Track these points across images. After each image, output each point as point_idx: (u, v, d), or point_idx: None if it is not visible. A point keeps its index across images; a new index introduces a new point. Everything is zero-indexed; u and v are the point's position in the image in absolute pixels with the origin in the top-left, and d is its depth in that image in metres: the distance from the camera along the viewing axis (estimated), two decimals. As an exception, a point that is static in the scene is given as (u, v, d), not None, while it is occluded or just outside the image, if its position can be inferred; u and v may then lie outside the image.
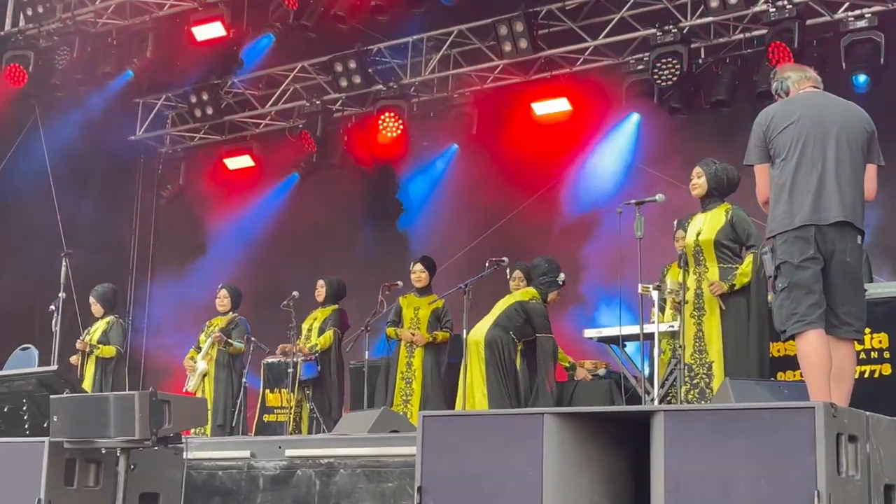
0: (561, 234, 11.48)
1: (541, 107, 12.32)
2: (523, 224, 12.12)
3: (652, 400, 7.29)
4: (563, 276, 8.86)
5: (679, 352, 7.09)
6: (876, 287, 6.71)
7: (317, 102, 13.28)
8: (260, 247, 13.62)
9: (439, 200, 12.90)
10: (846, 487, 3.64)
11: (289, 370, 9.67)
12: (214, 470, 6.55)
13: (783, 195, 5.17)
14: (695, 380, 7.01)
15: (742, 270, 6.97)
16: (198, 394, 9.95)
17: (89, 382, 10.04)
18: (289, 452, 6.37)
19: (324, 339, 9.89)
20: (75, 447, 5.50)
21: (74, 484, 5.56)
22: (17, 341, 11.03)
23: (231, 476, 6.46)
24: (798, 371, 5.64)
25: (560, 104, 12.24)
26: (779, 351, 7.00)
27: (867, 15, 10.39)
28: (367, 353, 9.67)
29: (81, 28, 12.93)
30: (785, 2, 10.40)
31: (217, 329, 10.22)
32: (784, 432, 3.62)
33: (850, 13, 10.50)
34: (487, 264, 8.66)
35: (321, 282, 10.30)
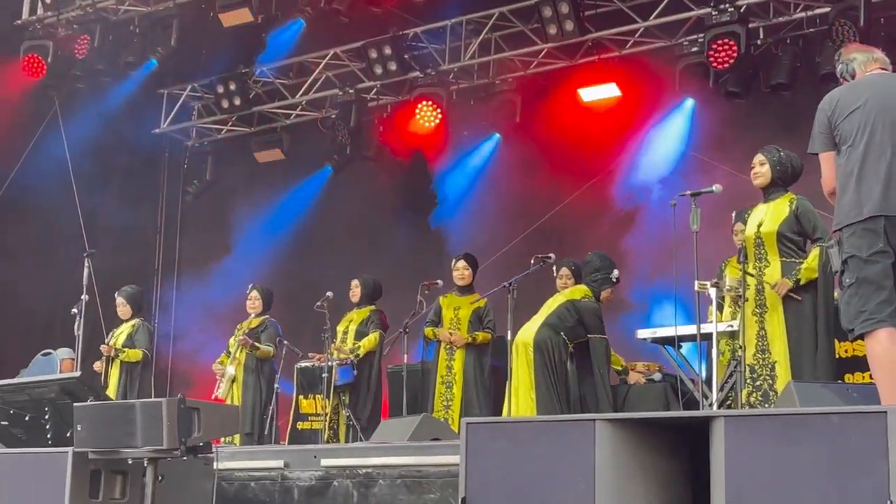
0: (610, 229, 11.39)
1: (588, 93, 12.25)
2: (569, 218, 12.09)
3: (710, 405, 7.25)
4: (617, 273, 8.82)
5: (739, 352, 7.05)
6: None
7: (350, 91, 13.25)
8: (291, 244, 13.63)
9: (480, 193, 12.86)
10: (921, 497, 3.60)
11: (323, 375, 9.69)
12: (246, 481, 6.56)
13: (850, 184, 5.12)
14: (757, 381, 6.98)
15: (807, 265, 6.92)
16: (228, 400, 10.01)
17: (114, 389, 10.14)
18: (324, 462, 6.37)
19: (369, 342, 9.90)
20: (100, 457, 5.54)
21: (100, 496, 5.61)
22: (38, 346, 11.14)
23: (264, 487, 6.48)
24: (867, 372, 5.61)
25: (608, 90, 12.16)
26: (846, 351, 6.96)
27: (939, -11, 10.29)
28: (406, 357, 9.64)
29: (102, 15, 13.00)
30: (850, -24, 10.30)
31: (245, 331, 10.28)
32: (854, 438, 3.59)
33: (921, -12, 10.39)
34: (533, 261, 8.61)
35: (356, 281, 10.31)
